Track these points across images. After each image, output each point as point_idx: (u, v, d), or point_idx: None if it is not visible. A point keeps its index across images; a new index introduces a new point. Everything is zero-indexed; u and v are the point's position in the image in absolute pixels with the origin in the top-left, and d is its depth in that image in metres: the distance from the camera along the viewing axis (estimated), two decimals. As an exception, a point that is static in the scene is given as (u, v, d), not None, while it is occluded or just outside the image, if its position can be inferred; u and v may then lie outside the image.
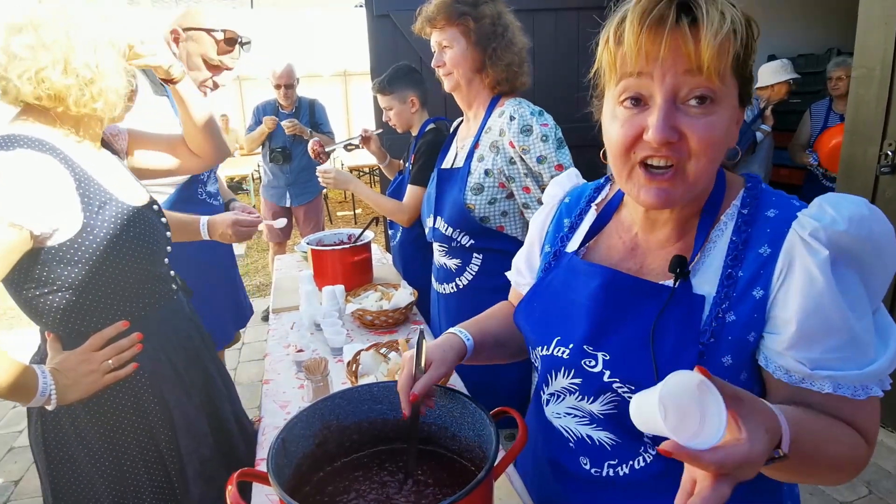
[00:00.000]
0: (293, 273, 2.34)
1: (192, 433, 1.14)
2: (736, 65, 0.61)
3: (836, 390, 0.60)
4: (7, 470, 2.54)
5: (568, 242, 0.84)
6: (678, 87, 0.60)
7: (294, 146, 3.61)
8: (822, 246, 0.59)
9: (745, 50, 0.61)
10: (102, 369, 1.02)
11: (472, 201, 1.45)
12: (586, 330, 0.73)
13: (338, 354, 1.51)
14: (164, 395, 1.11)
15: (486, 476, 0.65)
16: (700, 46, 0.57)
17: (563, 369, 0.76)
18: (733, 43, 0.59)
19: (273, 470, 0.68)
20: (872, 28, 2.17)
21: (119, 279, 1.03)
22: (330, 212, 7.33)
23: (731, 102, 0.62)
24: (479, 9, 1.40)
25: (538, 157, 1.36)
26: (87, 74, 0.94)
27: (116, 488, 1.06)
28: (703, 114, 0.60)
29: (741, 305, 0.64)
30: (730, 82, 0.61)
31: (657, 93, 0.60)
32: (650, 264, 0.73)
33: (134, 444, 1.08)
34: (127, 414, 1.07)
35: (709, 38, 0.57)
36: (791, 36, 4.92)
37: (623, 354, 0.70)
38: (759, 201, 0.67)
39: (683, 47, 0.58)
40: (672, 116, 0.60)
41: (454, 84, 1.47)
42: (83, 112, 0.97)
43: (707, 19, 0.57)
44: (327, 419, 0.83)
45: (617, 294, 0.72)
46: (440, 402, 0.84)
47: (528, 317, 0.84)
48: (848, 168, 2.37)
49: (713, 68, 0.58)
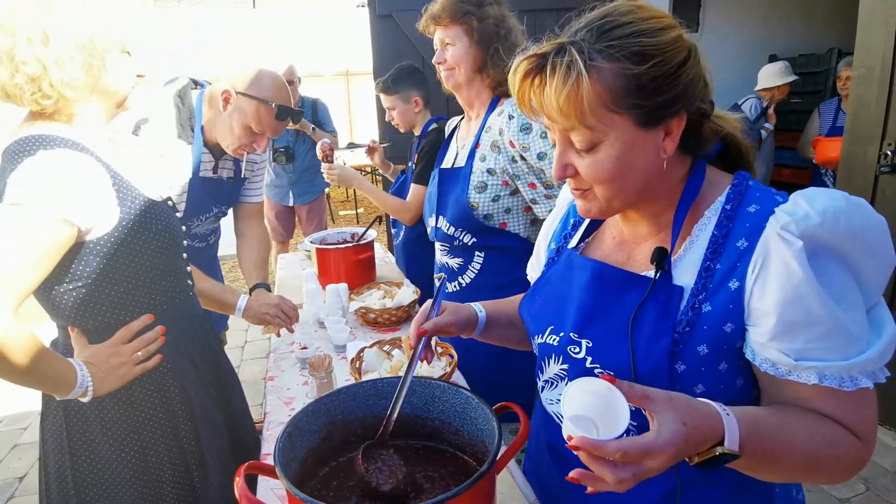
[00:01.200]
0: (296, 272, 2.35)
1: (210, 424, 1.17)
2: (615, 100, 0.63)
3: (822, 381, 0.61)
4: (11, 467, 2.56)
5: (570, 239, 0.89)
6: (566, 135, 0.67)
7: (297, 146, 3.62)
8: (795, 238, 0.61)
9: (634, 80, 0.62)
10: (133, 361, 1.05)
11: (475, 199, 1.47)
12: (574, 319, 0.77)
13: (341, 352, 1.53)
14: (185, 386, 1.14)
15: (488, 469, 0.66)
16: (548, 104, 0.64)
17: (553, 356, 0.80)
18: (587, 92, 0.62)
19: (280, 463, 0.69)
20: (873, 28, 2.18)
21: (144, 272, 1.06)
22: (332, 211, 7.35)
23: (620, 136, 0.65)
24: (483, 9, 1.43)
25: (538, 154, 1.38)
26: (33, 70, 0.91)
27: (141, 478, 1.09)
28: (588, 155, 0.67)
29: (717, 296, 0.66)
30: (614, 118, 0.64)
31: (555, 137, 0.69)
32: (636, 256, 0.77)
33: (159, 435, 1.10)
34: (153, 405, 1.10)
35: (551, 95, 0.63)
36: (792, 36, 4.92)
37: (604, 342, 0.73)
38: (742, 197, 0.69)
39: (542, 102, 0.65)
40: (565, 156, 0.69)
41: (455, 82, 1.49)
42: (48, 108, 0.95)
43: (548, 77, 0.63)
44: (332, 414, 0.84)
45: (604, 285, 0.76)
46: (443, 397, 0.85)
47: (528, 308, 0.89)
48: (848, 167, 2.38)
49: (573, 118, 0.63)
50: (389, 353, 1.38)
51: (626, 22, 0.64)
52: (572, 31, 0.66)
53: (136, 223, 1.02)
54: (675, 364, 0.67)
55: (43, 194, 0.89)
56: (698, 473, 0.70)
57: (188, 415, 1.14)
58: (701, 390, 0.68)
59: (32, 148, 0.92)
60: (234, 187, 1.80)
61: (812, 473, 0.63)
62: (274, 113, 1.50)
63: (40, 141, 0.94)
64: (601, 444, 0.53)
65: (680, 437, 0.53)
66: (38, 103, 0.94)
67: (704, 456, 0.56)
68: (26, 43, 0.90)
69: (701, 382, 0.68)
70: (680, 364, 0.67)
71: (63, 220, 0.90)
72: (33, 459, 2.60)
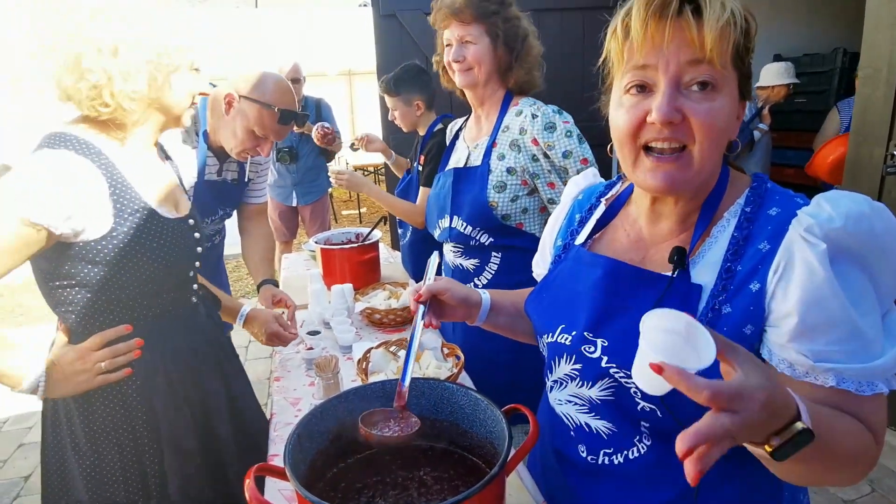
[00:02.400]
0: (301, 272, 2.35)
1: (178, 449, 1.11)
2: (736, 54, 0.64)
3: (840, 384, 0.60)
4: (17, 466, 2.57)
5: (577, 236, 0.88)
6: (681, 74, 0.64)
7: (301, 146, 3.62)
8: (818, 240, 0.60)
9: (744, 41, 0.64)
10: (95, 370, 1.02)
11: (494, 199, 1.46)
12: (588, 317, 0.76)
13: (347, 352, 1.53)
14: (153, 405, 1.09)
15: (498, 472, 0.66)
16: (703, 32, 0.61)
17: (565, 355, 0.79)
18: (733, 31, 0.62)
19: (290, 465, 0.69)
20: (879, 28, 2.17)
21: (134, 285, 1.04)
22: (335, 211, 7.35)
23: (731, 92, 0.65)
24: (508, 9, 1.43)
25: (564, 152, 1.39)
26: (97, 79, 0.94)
27: (95, 491, 1.06)
28: (704, 98, 0.64)
29: (738, 298, 0.66)
30: (730, 72, 0.65)
31: (661, 79, 0.64)
32: (652, 256, 0.76)
33: (115, 451, 1.07)
34: (114, 419, 1.07)
35: (711, 23, 0.61)
36: (797, 35, 4.90)
37: (620, 341, 0.72)
38: (763, 200, 0.69)
39: (688, 34, 0.62)
40: (675, 98, 0.64)
41: (472, 80, 1.46)
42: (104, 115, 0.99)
43: (709, 7, 0.61)
44: (341, 416, 0.84)
45: (618, 283, 0.75)
46: (451, 398, 0.85)
47: (536, 306, 0.88)
48: (854, 168, 2.37)
49: (715, 53, 0.61)
50: (396, 353, 1.38)
51: None
52: None
53: (132, 236, 1.01)
54: None
55: (11, 192, 0.89)
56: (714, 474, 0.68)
57: (153, 435, 1.09)
58: None
59: (44, 144, 0.94)
60: (238, 189, 1.80)
61: (846, 470, 0.61)
62: (277, 117, 1.48)
63: (55, 139, 0.95)
64: (689, 374, 0.47)
65: (767, 389, 0.48)
66: (96, 110, 0.97)
67: (784, 437, 0.50)
68: (96, 53, 0.94)
69: None
70: None
71: (28, 221, 0.89)
72: (37, 459, 2.61)
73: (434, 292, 0.88)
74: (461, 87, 1.50)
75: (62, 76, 0.96)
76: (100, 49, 0.94)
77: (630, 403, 0.72)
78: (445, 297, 0.89)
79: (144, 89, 0.98)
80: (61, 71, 0.95)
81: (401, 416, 0.80)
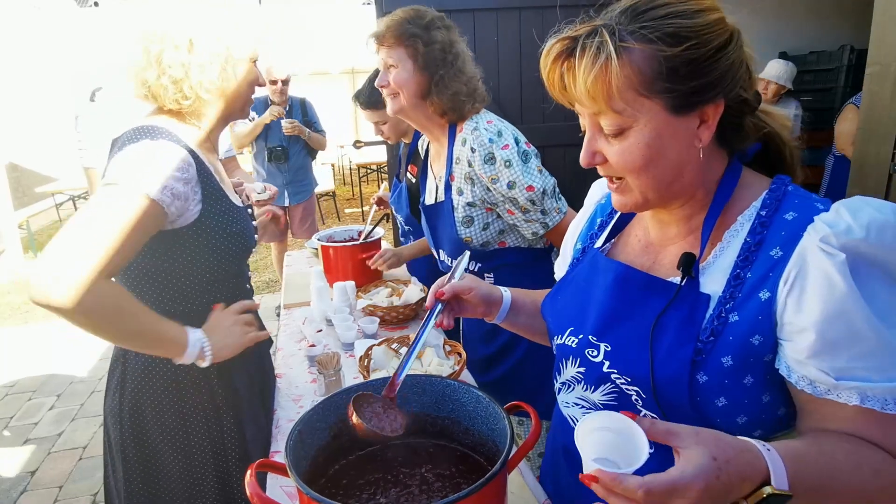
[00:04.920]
0: (303, 269, 2.36)
1: (256, 422, 1.20)
2: (647, 83, 0.61)
3: (864, 402, 0.57)
4: (23, 460, 2.59)
5: (597, 240, 0.86)
6: (597, 120, 0.66)
7: (291, 145, 3.62)
8: (836, 250, 0.57)
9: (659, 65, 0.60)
10: (245, 329, 1.12)
11: (466, 234, 1.43)
12: (595, 321, 0.76)
13: (349, 350, 1.53)
14: (234, 383, 1.16)
15: (500, 469, 0.66)
16: (577, 86, 0.62)
17: (571, 358, 0.79)
18: (615, 73, 0.60)
19: (291, 461, 0.69)
20: (888, 24, 2.15)
21: (215, 270, 1.11)
22: (338, 209, 7.36)
23: (651, 122, 0.63)
24: (430, 33, 1.34)
25: (507, 184, 1.34)
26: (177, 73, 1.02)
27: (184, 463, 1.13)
28: (617, 141, 0.65)
29: (746, 306, 0.63)
30: (647, 101, 0.62)
31: (585, 123, 0.68)
32: (661, 261, 0.74)
33: (203, 425, 1.14)
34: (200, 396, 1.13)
35: (581, 77, 0.61)
36: (803, 33, 4.86)
37: (623, 346, 0.71)
38: (780, 203, 0.66)
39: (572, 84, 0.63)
40: (594, 144, 0.67)
41: (399, 106, 1.39)
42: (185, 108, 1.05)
43: (577, 56, 0.62)
44: (343, 413, 0.84)
45: (627, 288, 0.74)
46: (454, 396, 0.85)
47: (551, 307, 0.87)
48: (861, 166, 2.35)
49: (601, 102, 0.62)
50: (398, 350, 1.38)
51: (663, 3, 0.62)
52: (608, 14, 0.64)
53: (216, 222, 1.08)
54: (697, 374, 0.64)
55: (135, 174, 0.95)
56: None
57: (233, 409, 1.16)
58: (723, 404, 0.64)
59: (139, 136, 1.00)
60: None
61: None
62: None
63: (148, 131, 1.01)
64: (621, 478, 0.48)
65: (709, 472, 0.48)
66: (178, 103, 1.04)
67: (753, 499, 0.50)
68: (174, 49, 1.02)
69: (723, 395, 0.64)
70: (701, 374, 0.64)
71: (148, 197, 0.94)
72: (44, 454, 2.63)
73: (458, 292, 0.87)
74: (392, 114, 1.44)
75: (145, 73, 1.03)
76: (177, 45, 1.01)
77: (632, 409, 0.70)
78: (469, 295, 0.88)
79: (217, 80, 1.05)
80: (144, 69, 1.03)
81: (390, 409, 0.79)
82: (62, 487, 2.40)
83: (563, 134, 1.40)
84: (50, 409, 3.03)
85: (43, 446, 2.69)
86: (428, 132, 1.50)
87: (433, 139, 1.51)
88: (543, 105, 2.66)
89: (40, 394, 3.19)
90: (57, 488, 2.39)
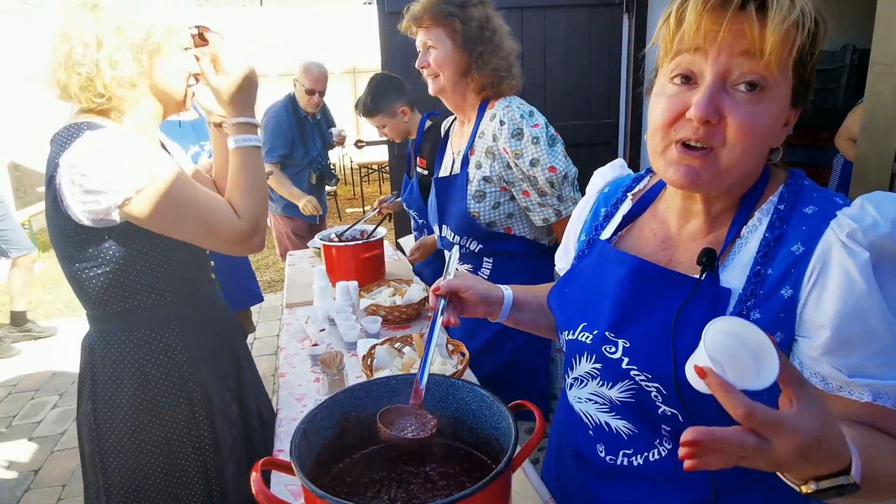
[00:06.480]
0: (306, 268, 2.36)
1: (226, 415, 1.20)
2: (799, 58, 0.59)
3: (877, 399, 0.57)
4: (26, 459, 2.60)
5: (602, 231, 0.84)
6: (730, 69, 0.59)
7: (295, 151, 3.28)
8: (861, 248, 0.57)
9: (810, 45, 0.59)
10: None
11: (475, 209, 1.43)
12: (610, 316, 0.74)
13: (352, 349, 1.53)
14: (202, 376, 1.16)
15: (504, 468, 0.66)
16: (764, 32, 0.56)
17: (585, 354, 0.77)
18: (799, 33, 0.57)
19: (296, 459, 0.69)
20: (891, 24, 2.14)
21: (172, 259, 1.10)
22: (339, 208, 7.37)
23: (782, 97, 0.60)
24: (466, 10, 1.36)
25: (531, 161, 1.34)
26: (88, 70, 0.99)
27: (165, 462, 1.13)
28: (748, 100, 0.59)
29: (768, 304, 0.62)
30: (786, 76, 0.59)
31: (708, 71, 0.59)
32: (679, 257, 0.73)
33: (180, 421, 1.14)
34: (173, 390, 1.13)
35: (775, 23, 0.55)
36: (805, 32, 4.86)
37: (643, 343, 0.70)
38: (798, 197, 0.65)
39: (747, 30, 0.57)
40: (717, 96, 0.59)
41: (440, 87, 1.42)
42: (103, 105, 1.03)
43: (776, 4, 0.56)
44: (347, 411, 0.84)
45: (643, 283, 0.72)
46: (457, 394, 0.85)
47: (558, 301, 0.86)
48: (863, 165, 2.35)
49: (774, 55, 0.56)
50: (400, 350, 1.38)
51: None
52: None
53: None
54: None
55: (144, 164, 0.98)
56: (734, 479, 0.67)
57: (206, 405, 1.16)
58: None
59: (79, 132, 0.99)
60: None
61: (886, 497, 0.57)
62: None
63: (86, 125, 1.00)
64: (730, 387, 0.44)
65: (815, 434, 0.45)
66: (92, 101, 1.02)
67: (827, 483, 0.48)
68: (82, 47, 0.99)
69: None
70: None
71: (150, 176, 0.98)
72: (47, 453, 2.64)
73: (454, 289, 0.86)
74: (433, 95, 1.46)
75: (57, 73, 1.01)
76: (85, 43, 0.98)
77: (651, 406, 0.70)
78: (466, 294, 0.87)
79: (133, 74, 1.02)
80: (55, 68, 1.01)
81: (418, 414, 0.79)
82: (65, 486, 2.41)
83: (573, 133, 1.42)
84: (52, 407, 3.04)
85: (46, 445, 2.70)
86: (460, 111, 1.52)
87: (463, 117, 1.53)
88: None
89: (43, 392, 3.20)
90: (60, 487, 2.40)
